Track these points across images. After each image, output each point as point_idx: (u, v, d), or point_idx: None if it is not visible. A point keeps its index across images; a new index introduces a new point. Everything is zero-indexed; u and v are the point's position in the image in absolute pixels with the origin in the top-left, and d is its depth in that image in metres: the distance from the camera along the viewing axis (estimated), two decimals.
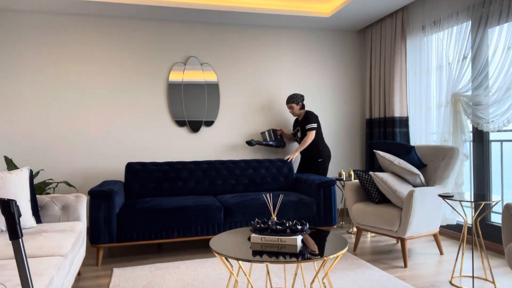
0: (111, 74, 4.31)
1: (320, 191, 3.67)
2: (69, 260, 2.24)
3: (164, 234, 3.33)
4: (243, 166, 4.14)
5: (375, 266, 3.08)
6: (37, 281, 1.70)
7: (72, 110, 4.21)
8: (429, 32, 3.95)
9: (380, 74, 4.64)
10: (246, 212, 3.48)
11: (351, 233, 4.18)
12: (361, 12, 4.33)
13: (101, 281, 2.84)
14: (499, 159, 3.43)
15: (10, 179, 2.53)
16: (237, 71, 4.67)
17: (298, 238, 2.03)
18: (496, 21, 3.22)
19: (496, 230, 3.39)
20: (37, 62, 4.13)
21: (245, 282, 2.69)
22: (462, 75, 3.55)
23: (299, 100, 4.37)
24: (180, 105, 4.47)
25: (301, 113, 4.43)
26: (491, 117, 3.27)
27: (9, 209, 1.14)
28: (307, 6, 4.36)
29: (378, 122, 4.64)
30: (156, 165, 3.95)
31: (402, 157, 3.40)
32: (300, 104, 4.39)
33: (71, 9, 4.04)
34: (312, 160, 4.37)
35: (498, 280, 2.73)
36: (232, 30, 4.65)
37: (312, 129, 4.28)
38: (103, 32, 4.29)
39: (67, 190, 4.20)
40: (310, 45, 4.90)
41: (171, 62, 4.48)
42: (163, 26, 4.45)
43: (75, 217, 2.90)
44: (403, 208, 3.03)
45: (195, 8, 4.06)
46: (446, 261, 3.16)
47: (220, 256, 1.91)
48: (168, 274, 2.92)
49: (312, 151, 4.36)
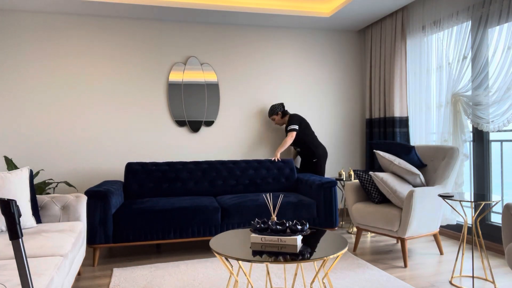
0: (111, 74, 4.31)
1: (321, 192, 3.65)
2: (69, 260, 2.24)
3: (161, 235, 3.32)
4: (244, 167, 4.14)
5: (375, 266, 3.08)
6: (37, 281, 1.70)
7: (72, 110, 4.21)
8: (429, 32, 3.95)
9: (380, 74, 4.64)
10: (244, 214, 3.47)
11: (351, 233, 4.18)
12: (361, 12, 4.33)
13: (101, 281, 2.84)
14: (499, 159, 3.43)
15: (10, 179, 2.53)
16: (237, 71, 4.67)
17: (298, 238, 2.03)
18: (496, 21, 3.22)
19: (496, 230, 3.39)
20: (36, 62, 4.13)
21: (245, 282, 2.69)
22: (462, 75, 3.55)
23: (277, 109, 4.44)
24: (180, 105, 4.47)
25: (286, 119, 4.49)
26: (491, 117, 3.27)
27: (9, 209, 1.14)
28: (307, 6, 4.36)
29: (378, 122, 4.64)
30: (155, 165, 3.95)
31: (402, 157, 3.40)
32: (280, 113, 4.44)
33: (71, 9, 4.04)
34: (308, 161, 4.42)
35: (498, 280, 2.73)
36: (232, 30, 4.66)
37: (291, 130, 4.29)
38: (103, 32, 4.29)
39: (67, 190, 4.20)
40: (310, 45, 4.90)
41: (171, 62, 4.48)
42: (163, 26, 4.45)
43: (75, 217, 2.90)
44: (403, 208, 3.03)
45: (195, 8, 4.06)
46: (446, 261, 3.16)
47: (220, 256, 1.91)
48: (168, 274, 2.92)
49: (306, 152, 4.40)
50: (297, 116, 4.41)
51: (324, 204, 3.65)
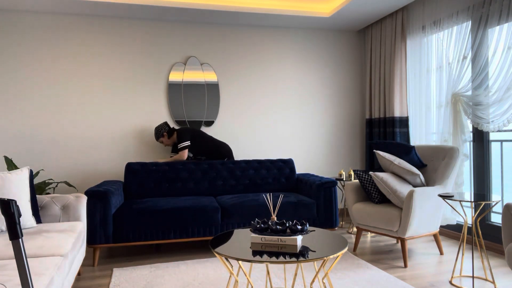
0: (111, 74, 4.31)
1: (321, 192, 3.65)
2: (69, 260, 2.24)
3: (161, 235, 3.32)
4: (244, 167, 4.13)
5: (375, 266, 3.08)
6: (37, 281, 1.70)
7: (72, 110, 4.21)
8: (429, 32, 3.95)
9: (380, 74, 4.64)
10: (244, 213, 3.47)
11: (351, 233, 4.18)
12: (361, 12, 4.33)
13: (101, 281, 2.84)
14: (499, 159, 3.43)
15: (10, 179, 2.53)
16: (237, 71, 4.67)
17: (298, 238, 2.03)
18: (496, 21, 3.22)
19: (496, 230, 3.39)
20: (37, 62, 4.13)
21: (245, 282, 2.69)
22: (462, 75, 3.55)
23: (162, 131, 4.11)
24: (180, 105, 4.47)
25: (174, 138, 4.17)
26: (491, 117, 3.27)
27: (9, 209, 1.14)
28: (307, 6, 4.36)
29: (378, 122, 4.64)
30: (155, 165, 3.95)
31: (402, 157, 3.39)
32: (166, 133, 4.11)
33: (70, 9, 4.04)
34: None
35: (498, 280, 2.73)
36: (232, 30, 4.66)
37: (182, 148, 4.05)
38: (103, 32, 4.29)
39: (67, 190, 4.20)
40: (310, 45, 4.90)
41: (171, 62, 4.48)
42: (163, 26, 4.45)
43: (75, 217, 2.90)
44: (403, 208, 3.03)
45: (195, 8, 4.06)
46: (446, 261, 3.16)
47: (220, 256, 1.91)
48: (168, 274, 2.92)
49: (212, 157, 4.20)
50: (185, 130, 4.11)
51: (324, 204, 3.64)
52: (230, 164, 4.12)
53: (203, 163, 4.07)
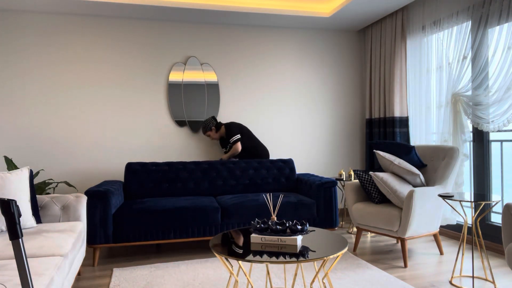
0: (111, 74, 4.31)
1: (321, 192, 3.65)
2: (69, 260, 2.24)
3: (161, 235, 3.32)
4: (244, 167, 4.13)
5: (375, 266, 3.08)
6: (37, 281, 1.70)
7: (72, 110, 4.21)
8: (429, 32, 3.95)
9: (380, 74, 4.64)
10: (244, 213, 3.47)
11: (351, 233, 4.18)
12: (361, 12, 4.33)
13: (101, 281, 2.84)
14: (499, 159, 3.43)
15: (10, 179, 2.53)
16: (237, 71, 4.67)
17: (298, 238, 2.03)
18: (496, 21, 3.22)
19: (496, 230, 3.39)
20: (37, 62, 4.13)
21: (245, 282, 2.69)
22: (462, 75, 3.55)
23: (210, 125, 4.23)
24: (180, 105, 4.47)
25: (222, 132, 4.28)
26: (491, 117, 3.27)
27: (9, 209, 1.14)
28: (307, 6, 4.36)
29: (378, 122, 4.64)
30: (156, 165, 3.95)
31: (402, 157, 3.40)
32: (214, 128, 4.24)
33: (70, 9, 4.04)
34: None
35: (498, 280, 2.73)
36: (232, 30, 4.66)
37: (236, 141, 4.16)
38: (103, 32, 4.29)
39: (67, 190, 4.20)
40: (310, 45, 4.90)
41: (171, 62, 4.48)
42: (163, 26, 4.45)
43: (75, 217, 2.90)
44: (403, 208, 3.03)
45: (195, 8, 4.06)
46: (446, 261, 3.16)
47: (220, 256, 1.91)
48: (168, 274, 2.92)
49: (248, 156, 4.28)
50: (234, 124, 4.24)
51: (324, 204, 3.65)
52: (230, 164, 4.12)
53: (203, 163, 4.07)
